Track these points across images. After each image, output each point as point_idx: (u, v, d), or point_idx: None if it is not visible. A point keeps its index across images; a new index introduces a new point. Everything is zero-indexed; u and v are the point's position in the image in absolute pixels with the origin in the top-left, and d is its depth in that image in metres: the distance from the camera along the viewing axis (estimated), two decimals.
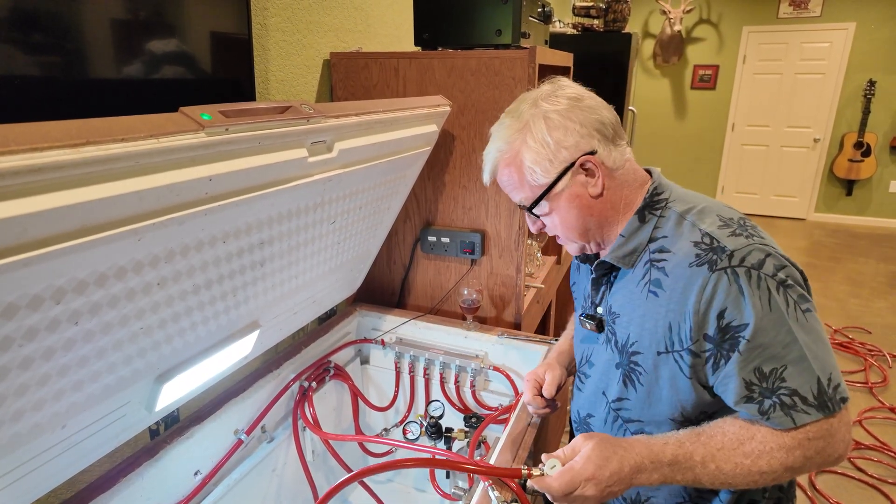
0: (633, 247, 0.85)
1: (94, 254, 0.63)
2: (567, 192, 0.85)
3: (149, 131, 0.63)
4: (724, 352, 0.75)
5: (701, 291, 0.75)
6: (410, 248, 1.70)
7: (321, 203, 1.06)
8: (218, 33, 1.12)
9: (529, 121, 0.84)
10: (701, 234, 0.78)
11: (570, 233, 0.89)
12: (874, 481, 2.17)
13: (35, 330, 0.63)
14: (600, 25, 3.33)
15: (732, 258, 0.74)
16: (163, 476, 1.06)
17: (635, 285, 0.85)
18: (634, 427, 0.88)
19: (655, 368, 0.82)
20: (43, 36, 0.80)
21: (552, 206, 0.87)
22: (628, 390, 0.87)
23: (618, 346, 0.88)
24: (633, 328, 0.85)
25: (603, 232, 0.89)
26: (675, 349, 0.79)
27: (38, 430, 0.74)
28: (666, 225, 0.83)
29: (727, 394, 0.76)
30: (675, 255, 0.80)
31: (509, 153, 0.86)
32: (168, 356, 0.91)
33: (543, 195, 0.86)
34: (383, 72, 1.54)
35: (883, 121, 5.45)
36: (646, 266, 0.84)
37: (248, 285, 1.00)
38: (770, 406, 0.73)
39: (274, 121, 0.81)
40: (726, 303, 0.73)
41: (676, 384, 0.80)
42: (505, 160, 0.87)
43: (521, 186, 0.87)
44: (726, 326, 0.74)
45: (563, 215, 0.87)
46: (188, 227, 0.75)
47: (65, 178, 0.55)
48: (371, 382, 1.72)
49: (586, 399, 0.97)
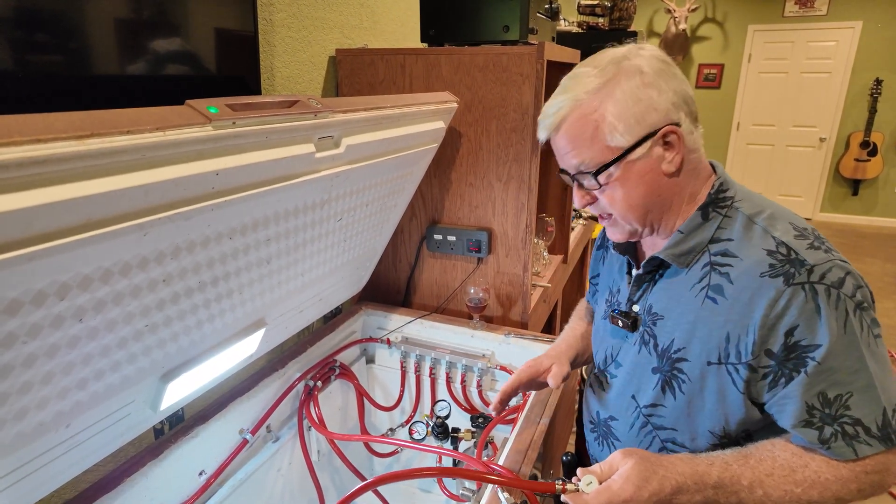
0: (691, 245, 0.78)
1: (98, 249, 0.62)
2: (641, 163, 0.75)
3: (155, 124, 0.61)
4: (787, 371, 0.70)
5: (772, 305, 0.69)
6: (416, 247, 1.69)
7: (328, 199, 1.05)
8: (223, 29, 1.11)
9: (620, 73, 0.73)
10: (776, 243, 0.72)
11: (630, 213, 0.78)
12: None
13: (39, 327, 0.62)
14: (605, 24, 3.31)
15: (812, 273, 0.69)
16: (167, 476, 1.05)
17: (688, 288, 0.78)
18: (665, 435, 0.83)
19: (702, 378, 0.76)
20: (48, 33, 0.79)
21: (620, 176, 0.76)
22: (665, 397, 0.81)
23: (657, 350, 0.82)
24: (681, 333, 0.79)
25: (662, 219, 0.80)
26: (729, 361, 0.74)
27: (41, 429, 0.72)
28: (731, 226, 0.77)
29: (783, 415, 0.72)
30: (742, 261, 0.73)
31: (589, 104, 0.74)
32: (173, 354, 0.89)
33: (616, 161, 0.74)
34: (389, 68, 1.52)
35: (889, 120, 5.41)
36: (704, 269, 0.77)
37: (254, 283, 0.99)
38: (831, 434, 0.69)
39: (281, 115, 0.79)
40: (799, 320, 0.68)
41: (725, 397, 0.75)
42: (581, 111, 0.75)
43: (590, 145, 0.75)
44: (794, 345, 0.69)
45: (629, 190, 0.76)
46: (194, 223, 0.74)
47: (69, 171, 0.54)
48: (377, 382, 1.70)
49: (610, 401, 0.91)
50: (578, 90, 0.75)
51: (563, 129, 0.77)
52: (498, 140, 1.49)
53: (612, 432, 0.91)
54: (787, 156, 5.89)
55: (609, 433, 0.92)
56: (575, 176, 0.79)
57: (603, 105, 0.74)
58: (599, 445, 0.96)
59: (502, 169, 1.51)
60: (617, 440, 0.91)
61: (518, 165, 1.49)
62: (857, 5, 5.28)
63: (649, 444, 0.85)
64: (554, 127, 0.77)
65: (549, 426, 1.12)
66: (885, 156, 5.50)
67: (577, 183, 0.80)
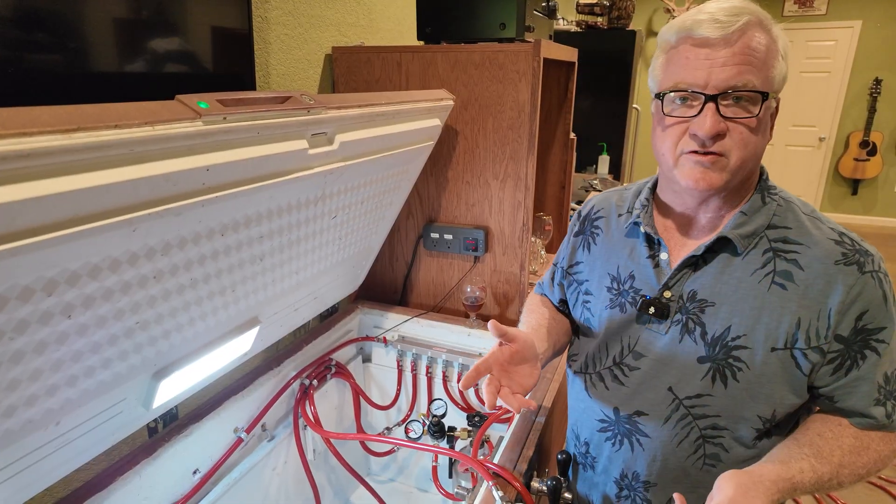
0: (753, 227, 0.77)
1: (87, 244, 0.61)
2: (767, 116, 0.73)
3: (143, 118, 0.61)
4: (853, 354, 0.74)
5: (848, 291, 0.72)
6: (413, 245, 1.68)
7: (322, 197, 1.05)
8: (217, 27, 1.10)
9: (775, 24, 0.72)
10: (838, 233, 0.76)
11: (749, 160, 0.73)
12: (881, 482, 2.15)
13: (26, 322, 0.61)
14: (604, 23, 3.31)
15: (873, 263, 0.74)
16: (161, 475, 1.04)
17: (748, 274, 0.77)
18: (705, 423, 0.81)
19: (764, 364, 0.76)
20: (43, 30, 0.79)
21: (762, 116, 0.72)
22: (715, 386, 0.79)
23: (705, 339, 0.79)
24: (740, 320, 0.77)
25: (741, 185, 0.78)
26: (797, 346, 0.75)
27: (30, 427, 0.72)
28: (786, 215, 0.78)
29: (853, 396, 0.75)
30: (810, 248, 0.75)
31: (772, 28, 0.71)
32: (165, 352, 0.89)
33: (771, 96, 0.72)
34: (386, 66, 1.52)
35: (889, 119, 5.41)
36: (766, 255, 0.77)
37: (247, 280, 0.98)
38: (893, 408, 0.75)
39: (273, 110, 0.79)
40: (869, 306, 0.72)
41: (787, 382, 0.76)
42: (766, 31, 0.70)
43: (762, 68, 0.70)
44: (862, 328, 0.73)
45: (760, 134, 0.73)
46: (185, 219, 0.73)
47: (56, 165, 0.53)
48: (373, 381, 1.70)
49: (635, 395, 0.86)
50: (760, 11, 0.71)
51: (746, 38, 0.69)
52: (494, 138, 1.48)
53: (640, 429, 0.86)
54: (786, 155, 5.89)
55: (634, 430, 0.87)
56: (731, 92, 0.70)
57: (777, 35, 0.71)
58: (615, 445, 0.90)
59: (499, 167, 1.50)
60: (644, 436, 0.86)
61: (514, 163, 1.48)
62: (857, 5, 5.28)
63: (686, 436, 0.82)
64: (737, 29, 0.68)
65: (544, 425, 1.12)
66: (884, 155, 5.49)
67: (716, 106, 0.70)
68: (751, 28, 0.69)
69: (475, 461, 0.97)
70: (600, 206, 0.97)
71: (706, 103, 0.70)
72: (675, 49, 0.73)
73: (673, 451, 0.84)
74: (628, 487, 0.90)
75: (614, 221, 0.93)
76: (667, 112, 0.75)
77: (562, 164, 2.08)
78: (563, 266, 1.01)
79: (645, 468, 0.87)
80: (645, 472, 0.87)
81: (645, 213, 0.86)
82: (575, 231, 1.00)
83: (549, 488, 0.93)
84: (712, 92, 0.70)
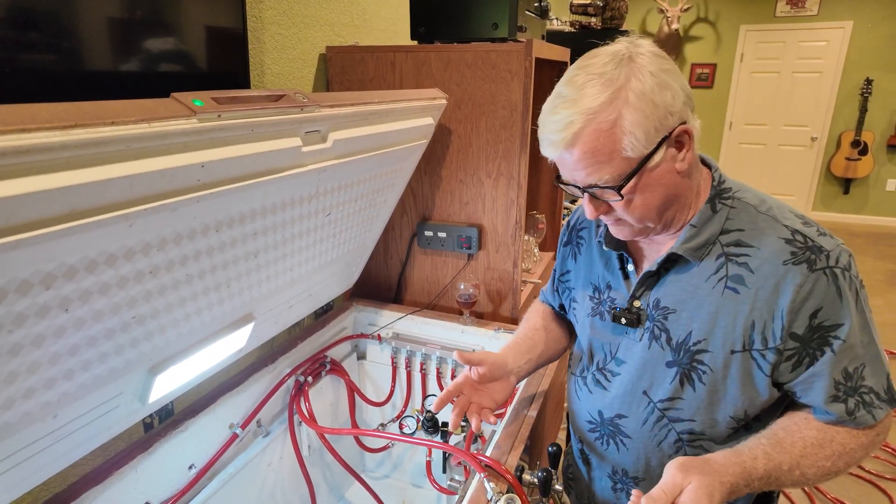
0: (704, 238, 0.78)
1: (84, 239, 0.62)
2: (659, 168, 0.73)
3: (140, 115, 0.62)
4: (811, 351, 0.74)
5: (798, 290, 0.72)
6: (407, 243, 1.69)
7: (316, 194, 1.06)
8: (212, 26, 1.11)
9: (632, 78, 0.69)
10: (790, 231, 0.75)
11: (648, 216, 0.76)
12: (872, 477, 2.17)
13: (24, 316, 0.63)
14: (597, 23, 3.33)
15: (829, 258, 0.73)
16: (157, 470, 1.05)
17: (703, 280, 0.79)
18: (681, 427, 0.83)
19: (725, 367, 0.78)
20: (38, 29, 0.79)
21: (640, 185, 0.73)
22: (684, 390, 0.81)
23: (671, 344, 0.82)
24: (699, 325, 0.79)
25: (676, 216, 0.80)
26: (755, 347, 0.76)
27: (28, 420, 0.73)
28: (739, 217, 0.78)
29: (812, 392, 0.75)
30: (760, 250, 0.75)
31: (605, 117, 0.69)
32: (161, 347, 0.90)
33: (637, 170, 0.71)
34: (379, 66, 1.53)
35: (880, 119, 5.46)
36: (719, 260, 0.78)
37: (241, 276, 1.00)
38: (854, 405, 0.74)
39: (267, 108, 0.80)
40: (822, 303, 0.72)
41: (750, 383, 0.77)
42: (596, 126, 0.69)
43: (609, 160, 0.71)
44: (818, 326, 0.73)
45: (648, 196, 0.74)
46: (180, 215, 0.75)
47: (53, 161, 0.55)
48: (368, 378, 1.71)
49: (616, 399, 0.90)
50: (590, 101, 0.69)
51: (578, 146, 0.71)
52: (487, 137, 1.50)
53: (622, 430, 0.90)
54: (779, 155, 5.93)
55: (617, 432, 0.91)
56: (589, 190, 0.75)
57: (621, 117, 0.69)
58: (604, 444, 0.94)
59: (492, 165, 1.52)
60: (627, 437, 0.90)
61: (507, 162, 1.50)
62: (848, 5, 5.32)
63: (664, 438, 0.85)
64: (566, 144, 0.71)
65: (536, 419, 1.13)
66: (875, 155, 5.54)
67: (590, 196, 0.76)
68: (581, 136, 0.70)
69: (467, 454, 0.98)
70: (584, 215, 1.00)
71: (583, 193, 0.77)
72: None
73: (654, 450, 0.87)
74: (621, 482, 0.95)
75: (593, 232, 0.97)
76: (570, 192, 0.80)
77: None
78: (557, 274, 1.07)
79: (632, 465, 0.91)
80: (632, 468, 0.91)
81: (608, 232, 0.88)
82: (564, 241, 1.05)
83: (540, 480, 0.95)
84: (582, 186, 0.76)
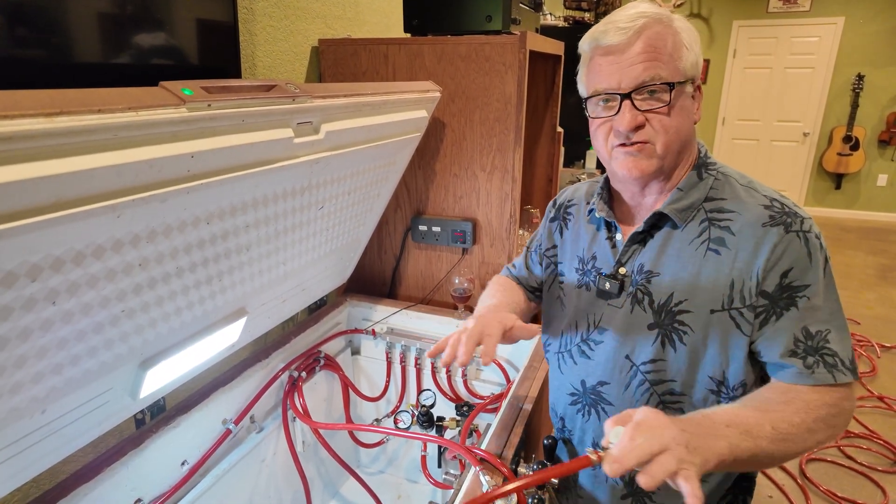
0: (690, 202, 0.84)
1: (70, 229, 0.61)
2: (688, 99, 0.81)
3: (127, 104, 0.61)
4: (779, 309, 0.78)
5: (773, 249, 0.77)
6: (401, 238, 1.69)
7: (308, 186, 1.05)
8: (202, 18, 1.10)
9: (675, 19, 0.80)
10: (769, 199, 0.81)
11: (674, 143, 0.80)
12: (864, 469, 2.18)
13: (9, 308, 0.61)
14: (591, 18, 3.33)
15: (803, 224, 0.78)
16: (148, 466, 1.04)
17: (687, 244, 0.83)
18: (663, 389, 0.85)
19: (706, 327, 0.81)
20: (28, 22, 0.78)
21: (678, 105, 0.79)
22: (666, 351, 0.84)
23: (653, 307, 0.85)
24: (681, 287, 0.83)
25: (677, 166, 0.85)
26: (734, 306, 0.79)
27: (15, 415, 0.72)
28: (723, 188, 0.84)
29: (773, 347, 0.78)
30: (741, 215, 0.80)
31: (670, 20, 0.78)
32: (152, 341, 0.89)
33: (682, 83, 0.79)
34: (372, 58, 1.52)
35: (871, 115, 5.48)
36: (702, 224, 0.83)
37: (233, 270, 0.98)
38: (814, 362, 0.77)
39: (258, 98, 0.79)
40: (794, 263, 0.76)
41: (729, 342, 0.80)
42: (665, 27, 0.77)
43: (668, 61, 0.77)
44: (787, 285, 0.77)
45: (680, 119, 0.80)
46: (170, 206, 0.73)
47: (38, 149, 0.53)
48: (362, 373, 1.70)
49: (598, 366, 0.92)
50: (659, 9, 0.78)
51: (645, 38, 0.76)
52: (481, 130, 1.49)
53: (604, 398, 0.91)
54: (771, 150, 5.95)
55: (599, 399, 0.92)
56: (641, 88, 0.77)
57: (680, 28, 0.78)
58: (584, 416, 0.95)
59: (486, 159, 1.51)
60: (609, 404, 0.91)
61: (501, 156, 1.49)
62: (840, 1, 5.34)
63: (646, 402, 0.86)
64: (636, 31, 0.76)
65: (531, 412, 1.13)
66: (866, 150, 5.57)
67: (632, 102, 0.78)
68: (650, 27, 0.77)
69: (462, 447, 0.98)
70: (573, 195, 1.06)
71: (622, 101, 0.79)
72: (591, 59, 0.82)
73: None
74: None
75: (583, 209, 1.01)
76: (594, 115, 0.84)
77: (549, 157, 2.09)
78: (541, 249, 1.08)
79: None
80: None
81: (600, 200, 0.94)
82: (550, 217, 1.08)
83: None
84: (625, 90, 0.78)
